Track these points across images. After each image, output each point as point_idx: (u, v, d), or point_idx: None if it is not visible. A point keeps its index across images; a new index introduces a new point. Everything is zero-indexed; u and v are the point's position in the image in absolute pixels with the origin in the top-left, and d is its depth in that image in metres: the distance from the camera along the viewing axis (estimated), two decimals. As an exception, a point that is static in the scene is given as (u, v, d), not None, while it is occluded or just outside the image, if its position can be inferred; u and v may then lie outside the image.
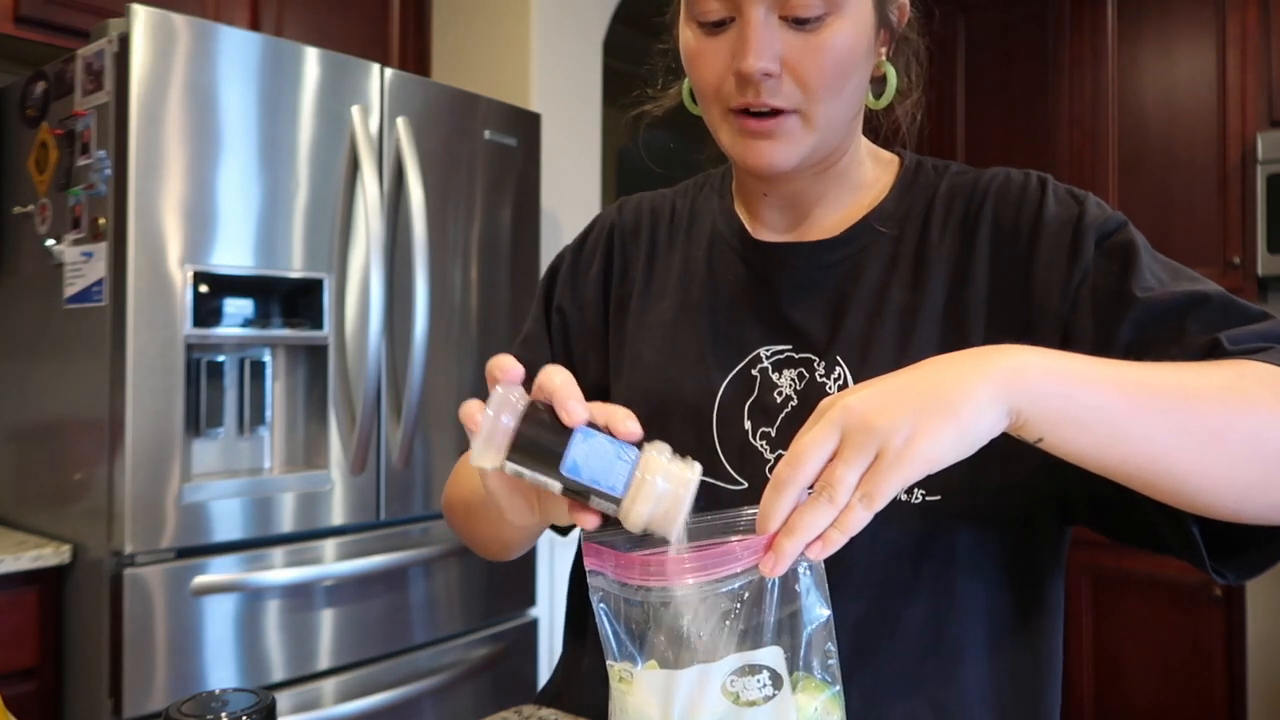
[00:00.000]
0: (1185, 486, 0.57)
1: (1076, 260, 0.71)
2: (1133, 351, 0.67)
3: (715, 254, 0.84)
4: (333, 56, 1.85)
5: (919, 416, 0.52)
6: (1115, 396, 0.55)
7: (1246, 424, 0.56)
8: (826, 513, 0.52)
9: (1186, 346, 0.65)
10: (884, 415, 0.52)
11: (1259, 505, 0.58)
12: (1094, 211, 0.73)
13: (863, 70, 0.73)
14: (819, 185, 0.80)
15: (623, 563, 0.56)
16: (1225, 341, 0.63)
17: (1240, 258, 2.78)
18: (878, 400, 0.53)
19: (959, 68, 3.24)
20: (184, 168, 1.63)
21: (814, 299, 0.78)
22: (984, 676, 0.73)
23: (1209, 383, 0.57)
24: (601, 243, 0.91)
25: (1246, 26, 2.78)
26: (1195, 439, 0.55)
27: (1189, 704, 2.61)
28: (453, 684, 2.00)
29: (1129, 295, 0.68)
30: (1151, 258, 0.71)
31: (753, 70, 0.68)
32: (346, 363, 1.86)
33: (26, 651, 1.63)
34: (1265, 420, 0.56)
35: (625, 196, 0.95)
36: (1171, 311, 0.67)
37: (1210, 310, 0.66)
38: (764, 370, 0.78)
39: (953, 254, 0.76)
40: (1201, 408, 0.56)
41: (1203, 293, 0.67)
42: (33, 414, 1.82)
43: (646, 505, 0.54)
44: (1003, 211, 0.76)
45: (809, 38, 0.69)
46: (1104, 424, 0.55)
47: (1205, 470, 0.56)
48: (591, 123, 2.69)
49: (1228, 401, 0.56)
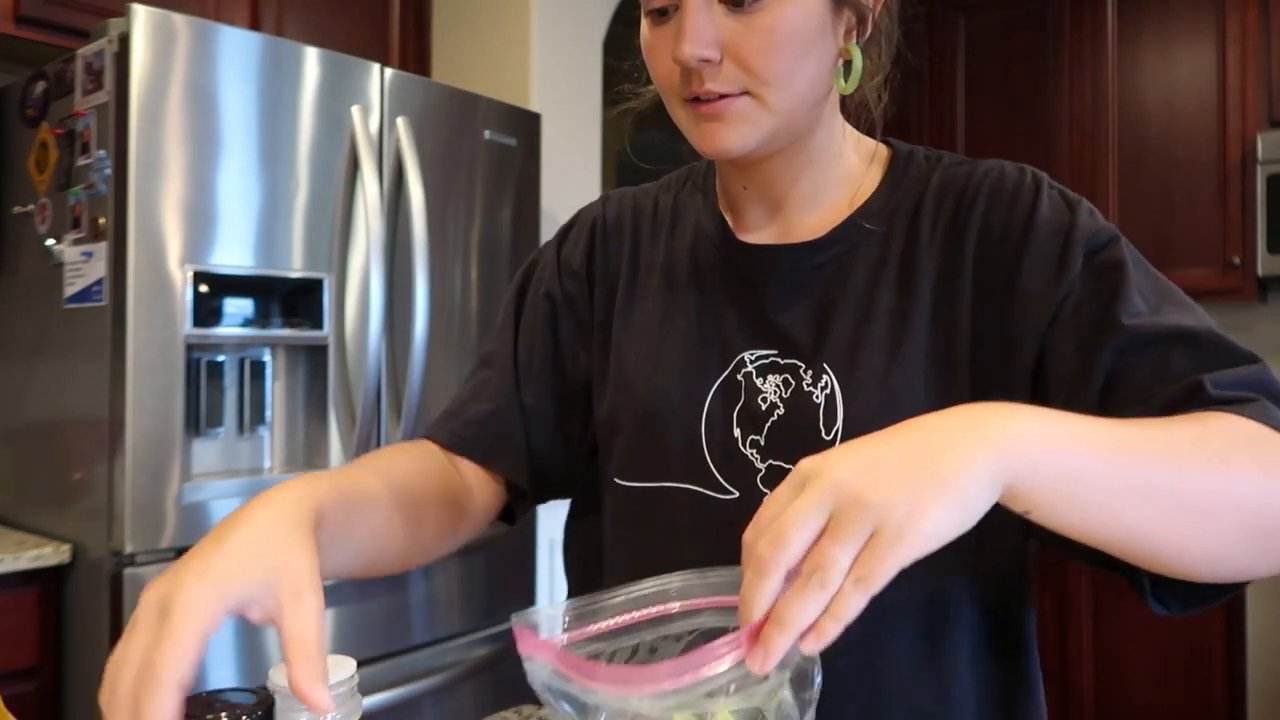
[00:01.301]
0: (1162, 555, 0.56)
1: (1063, 273, 0.69)
2: (1113, 377, 0.65)
3: (699, 254, 0.83)
4: (333, 56, 1.85)
5: (917, 493, 0.47)
6: (1108, 474, 0.53)
7: (1231, 497, 0.55)
8: (819, 599, 0.46)
9: (1169, 383, 0.63)
10: (879, 491, 0.47)
11: (1233, 569, 0.57)
12: (1085, 222, 0.71)
13: (818, 53, 0.70)
14: (796, 176, 0.78)
15: (585, 671, 0.49)
16: (1209, 385, 0.61)
17: (1240, 258, 2.78)
18: (872, 474, 0.48)
19: (959, 68, 3.24)
20: (184, 168, 1.63)
21: (799, 303, 0.76)
22: (971, 687, 0.72)
23: (1197, 452, 0.55)
24: (584, 237, 0.89)
25: (1246, 26, 2.78)
26: (1180, 514, 0.54)
27: (1189, 704, 2.61)
28: (453, 684, 2.00)
29: (1115, 321, 0.65)
30: (1142, 275, 0.69)
31: (688, 58, 0.67)
32: (346, 363, 1.86)
33: (26, 651, 1.63)
34: (1247, 491, 0.55)
35: (609, 191, 0.93)
36: (1157, 344, 0.64)
37: (1196, 347, 0.64)
38: (748, 375, 0.76)
39: (942, 254, 0.74)
40: (1189, 481, 0.54)
41: (1189, 329, 0.65)
42: (33, 414, 1.82)
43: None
44: (994, 211, 0.73)
45: (750, 20, 0.67)
46: (1094, 504, 0.53)
47: (1185, 543, 0.55)
48: (591, 123, 2.69)
49: (1213, 473, 0.55)
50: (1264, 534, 0.56)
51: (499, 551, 2.14)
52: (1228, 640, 2.55)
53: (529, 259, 0.93)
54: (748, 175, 0.79)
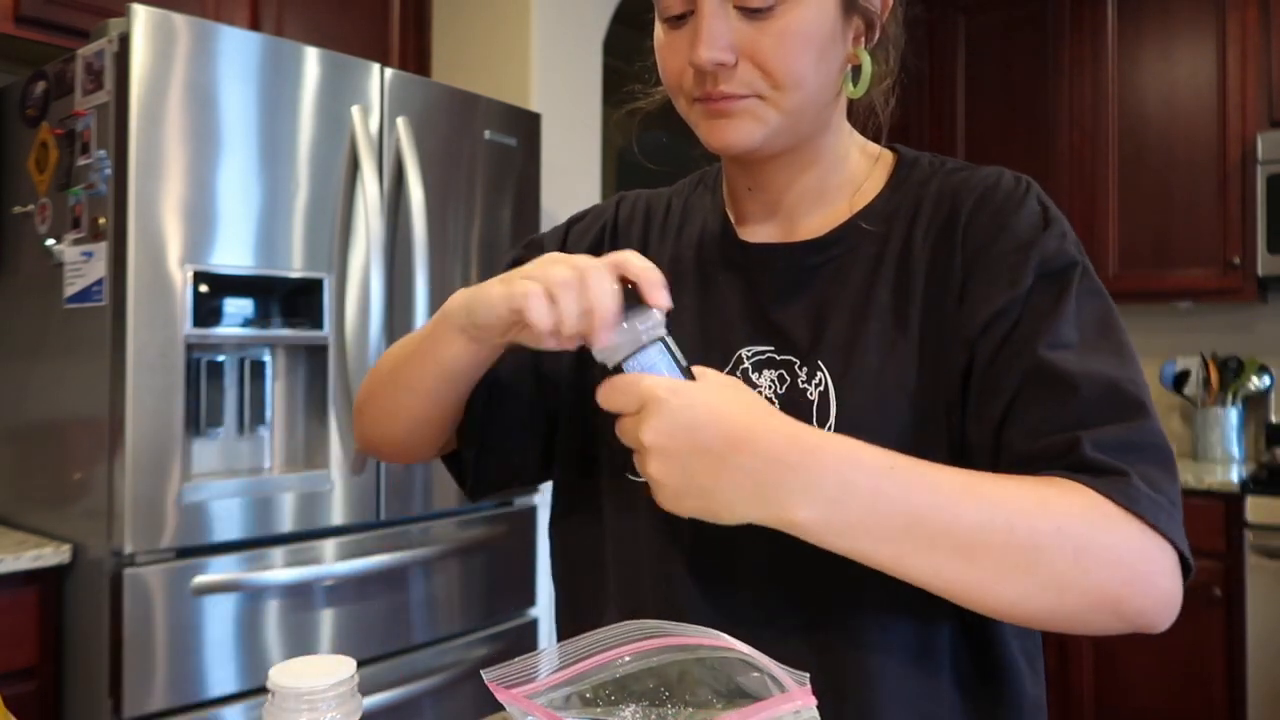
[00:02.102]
0: (968, 603, 0.62)
1: (1009, 286, 0.70)
2: (1014, 404, 0.67)
3: (703, 253, 0.84)
4: (333, 56, 1.85)
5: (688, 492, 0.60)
6: (890, 539, 0.60)
7: (1032, 575, 0.60)
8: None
9: (1055, 433, 0.65)
10: (678, 468, 0.60)
11: (1044, 625, 0.63)
12: (1050, 243, 0.71)
13: (829, 57, 0.72)
14: (799, 175, 0.79)
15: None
16: (1087, 446, 0.63)
17: (1240, 258, 2.78)
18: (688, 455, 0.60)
19: (959, 68, 3.24)
20: (184, 168, 1.63)
21: (798, 301, 0.78)
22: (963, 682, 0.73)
23: (1010, 535, 0.60)
24: (592, 232, 0.90)
25: (1246, 26, 2.78)
26: (978, 576, 0.60)
27: (1189, 704, 2.61)
28: (453, 684, 2.01)
29: (1033, 349, 0.67)
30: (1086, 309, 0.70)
31: (704, 61, 0.69)
32: (346, 363, 1.86)
33: (26, 651, 1.63)
34: (1050, 578, 0.60)
35: (624, 191, 0.94)
36: (1059, 385, 0.66)
37: (1092, 396, 0.65)
38: (745, 371, 0.77)
39: (933, 255, 0.75)
40: (989, 553, 0.60)
41: (1099, 376, 0.66)
42: (33, 414, 1.82)
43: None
44: (978, 216, 0.74)
45: (764, 25, 0.68)
46: (877, 558, 0.61)
47: (987, 600, 0.61)
48: (591, 123, 2.69)
49: (1014, 554, 0.60)
50: (1070, 611, 0.62)
51: (499, 551, 2.14)
52: (1228, 640, 2.55)
53: (529, 238, 0.94)
54: (752, 175, 0.80)
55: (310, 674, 0.52)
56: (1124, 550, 0.61)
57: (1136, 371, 0.68)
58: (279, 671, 0.52)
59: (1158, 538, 0.62)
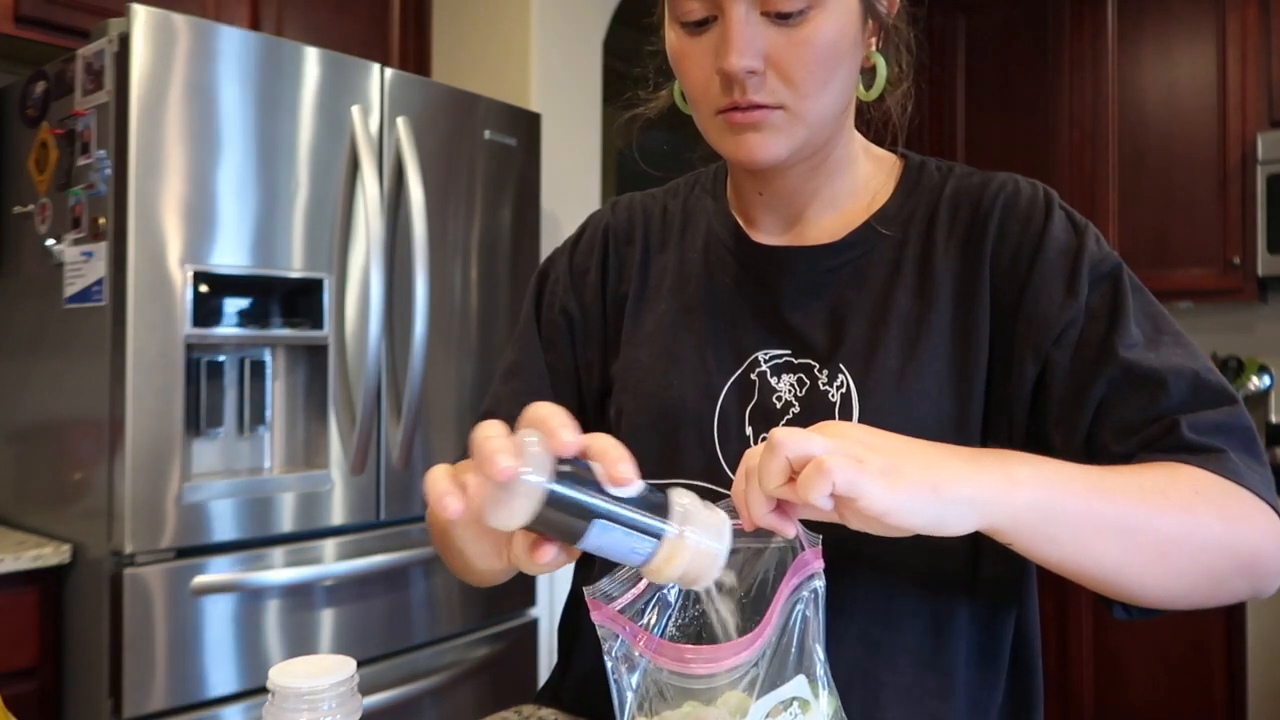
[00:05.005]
0: (1128, 589, 0.63)
1: (1070, 297, 0.71)
2: (1103, 407, 0.69)
3: (711, 256, 0.84)
4: (333, 56, 1.85)
5: (903, 464, 0.55)
6: (1087, 518, 0.59)
7: (1192, 541, 0.62)
8: (785, 471, 0.54)
9: (1150, 424, 0.68)
10: (874, 446, 0.55)
11: (1189, 601, 0.65)
12: (1092, 248, 0.73)
13: (850, 62, 0.72)
14: (813, 182, 0.79)
15: (653, 646, 0.55)
16: (1185, 429, 0.66)
17: (1240, 258, 2.78)
18: (874, 435, 0.56)
19: (959, 68, 3.24)
20: (184, 168, 1.63)
21: (815, 304, 0.77)
22: (973, 683, 0.73)
23: (1167, 502, 0.62)
24: (598, 244, 0.89)
25: (1246, 26, 2.78)
26: (1147, 557, 0.61)
27: (1189, 704, 2.61)
28: (453, 684, 2.01)
29: (1113, 352, 0.69)
30: (1140, 305, 0.72)
31: (736, 69, 0.68)
32: (346, 363, 1.86)
33: (26, 651, 1.63)
34: (1208, 537, 0.62)
35: (616, 197, 0.94)
36: (1147, 383, 0.69)
37: (1181, 388, 0.68)
38: (762, 374, 0.77)
39: (959, 265, 0.76)
40: (1157, 528, 0.61)
41: (1178, 368, 0.69)
42: (33, 414, 1.82)
43: (680, 566, 0.52)
44: (1008, 226, 0.75)
45: (792, 32, 0.68)
46: (1072, 543, 0.60)
47: (1149, 581, 0.63)
48: (591, 123, 2.69)
49: (1177, 524, 0.62)
50: (1219, 575, 0.64)
51: (499, 551, 2.14)
52: (1228, 640, 2.55)
53: (540, 268, 0.94)
54: (765, 181, 0.80)
55: (310, 674, 0.52)
56: (1253, 509, 0.64)
57: (1206, 358, 0.71)
58: (279, 671, 0.53)
59: (1266, 506, 0.65)
